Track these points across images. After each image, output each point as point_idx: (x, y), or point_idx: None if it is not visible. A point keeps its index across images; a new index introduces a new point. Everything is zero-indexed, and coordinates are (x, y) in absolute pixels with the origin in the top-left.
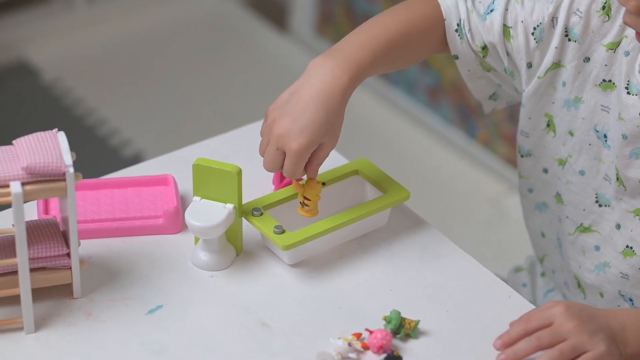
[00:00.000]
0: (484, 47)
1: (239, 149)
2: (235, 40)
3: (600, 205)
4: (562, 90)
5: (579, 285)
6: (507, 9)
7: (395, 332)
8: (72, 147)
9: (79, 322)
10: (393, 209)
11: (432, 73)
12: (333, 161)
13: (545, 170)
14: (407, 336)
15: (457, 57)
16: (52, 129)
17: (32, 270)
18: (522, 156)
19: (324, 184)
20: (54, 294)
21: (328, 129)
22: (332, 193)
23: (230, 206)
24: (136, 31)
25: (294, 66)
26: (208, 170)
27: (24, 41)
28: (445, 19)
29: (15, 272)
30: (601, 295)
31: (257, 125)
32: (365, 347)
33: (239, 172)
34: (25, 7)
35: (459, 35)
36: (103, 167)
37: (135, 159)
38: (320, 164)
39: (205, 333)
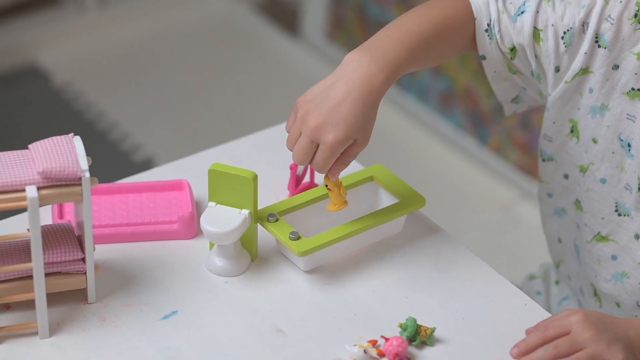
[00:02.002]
0: (513, 49)
1: (254, 154)
2: (246, 45)
3: (619, 215)
4: (589, 97)
5: (595, 294)
6: (538, 12)
7: (411, 340)
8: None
9: (94, 328)
10: (408, 215)
11: (444, 79)
12: (348, 167)
13: (566, 176)
14: (423, 343)
15: (484, 58)
16: (62, 133)
17: (47, 275)
18: (543, 160)
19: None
20: (69, 299)
21: (364, 125)
22: (348, 199)
23: (245, 212)
24: (147, 35)
25: (305, 71)
26: (224, 176)
27: (34, 45)
28: (475, 18)
29: (30, 277)
30: (618, 305)
31: (272, 131)
32: (381, 354)
33: (255, 178)
34: (36, 11)
35: (488, 35)
36: (114, 171)
37: (147, 164)
38: (351, 161)
39: (220, 339)
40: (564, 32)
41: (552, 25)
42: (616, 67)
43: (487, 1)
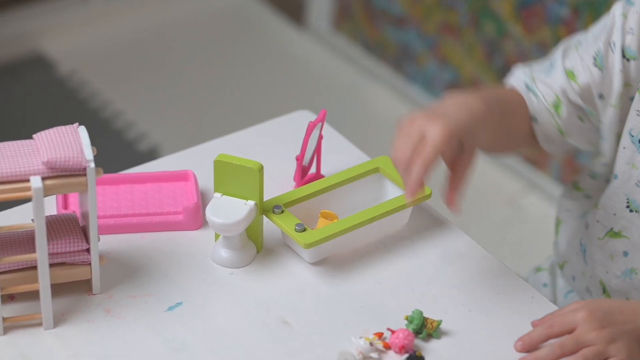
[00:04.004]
0: (557, 105)
1: (260, 144)
2: (252, 35)
3: (631, 211)
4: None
5: (604, 291)
6: (565, 57)
7: (418, 332)
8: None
9: (98, 319)
10: (414, 207)
11: (450, 69)
12: (354, 158)
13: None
14: (429, 336)
15: (535, 120)
16: (66, 122)
17: (51, 265)
18: (593, 178)
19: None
20: (73, 290)
21: (471, 131)
22: (353, 191)
23: (251, 203)
24: (153, 24)
25: (310, 61)
26: (229, 167)
27: (39, 33)
28: (522, 94)
29: (34, 268)
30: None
31: (278, 121)
32: (387, 347)
33: (261, 169)
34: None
35: (532, 93)
36: (119, 161)
37: (151, 153)
38: (463, 173)
39: (225, 331)
40: (594, 58)
41: (582, 59)
42: None
43: (520, 76)
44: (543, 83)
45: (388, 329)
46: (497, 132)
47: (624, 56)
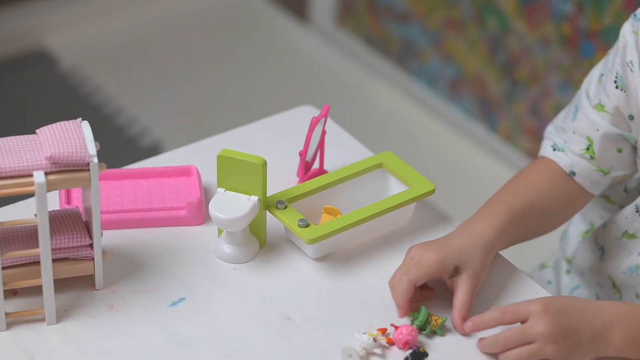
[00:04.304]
0: (589, 148)
1: (263, 140)
2: (255, 30)
3: None
4: None
5: (614, 286)
6: (589, 94)
7: (422, 329)
8: None
9: (101, 314)
10: (418, 202)
11: (454, 65)
12: (357, 154)
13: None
14: (433, 333)
15: (574, 174)
16: (69, 118)
17: (54, 260)
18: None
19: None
20: (76, 285)
21: (466, 258)
22: (357, 186)
23: (254, 198)
24: (156, 20)
25: (313, 57)
26: (233, 162)
27: (42, 29)
28: (555, 161)
29: (37, 263)
30: (637, 296)
31: (282, 117)
32: (391, 343)
33: (264, 164)
34: None
35: (561, 152)
36: (121, 156)
37: (154, 149)
38: (460, 303)
39: (229, 326)
40: (615, 82)
41: (604, 87)
42: None
43: (547, 141)
44: (571, 131)
45: (392, 325)
46: (523, 232)
47: None
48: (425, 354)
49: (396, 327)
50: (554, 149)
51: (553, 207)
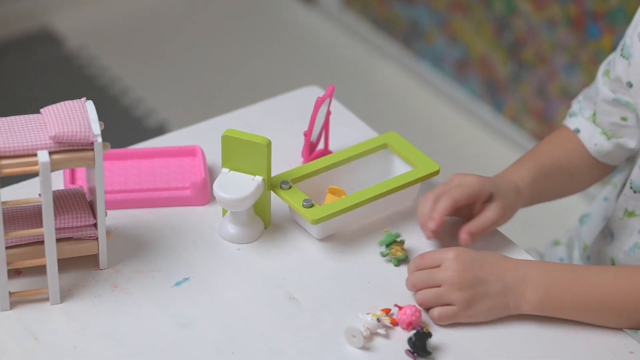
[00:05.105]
0: (595, 114)
1: (268, 120)
2: (261, 11)
3: (635, 192)
4: None
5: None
6: (608, 64)
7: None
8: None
9: (105, 294)
10: (422, 183)
11: (460, 46)
12: (362, 134)
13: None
14: (401, 262)
15: (578, 131)
16: (74, 98)
17: (58, 240)
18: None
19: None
20: (80, 265)
21: (503, 190)
22: (362, 167)
23: (259, 178)
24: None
25: (319, 38)
26: (237, 142)
27: (48, 8)
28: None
29: (41, 242)
30: None
31: (286, 97)
32: (394, 323)
33: (269, 144)
34: None
35: (574, 117)
36: (127, 136)
37: (160, 129)
38: (480, 226)
39: (232, 306)
40: (621, 50)
41: (615, 56)
42: None
43: (572, 108)
44: (588, 98)
45: (395, 305)
46: (550, 190)
47: None
48: (429, 334)
49: (400, 308)
50: (570, 115)
51: (579, 174)
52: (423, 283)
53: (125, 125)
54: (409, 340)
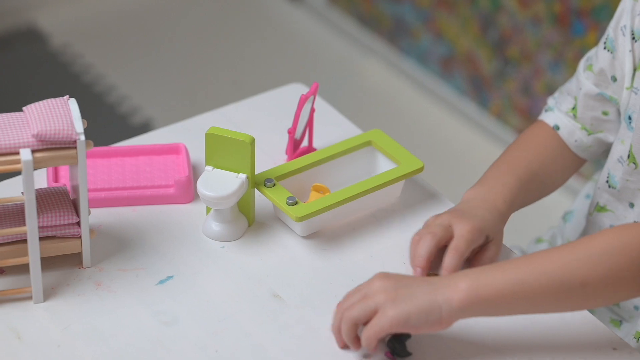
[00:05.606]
0: (574, 107)
1: (252, 117)
2: (247, 8)
3: (609, 187)
4: None
5: None
6: (587, 60)
7: None
8: (81, 114)
9: (88, 292)
10: (406, 180)
11: (445, 43)
12: (346, 132)
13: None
14: None
15: (558, 128)
16: (59, 95)
17: (41, 238)
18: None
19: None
20: (63, 263)
21: (495, 227)
22: (346, 164)
23: (242, 176)
24: None
25: (304, 34)
26: (221, 140)
27: (33, 6)
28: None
29: (24, 241)
30: None
31: (271, 94)
32: None
33: (252, 142)
34: None
35: (550, 111)
36: (112, 134)
37: (145, 127)
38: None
39: (216, 304)
40: (604, 43)
41: (597, 50)
42: None
43: (548, 104)
44: (565, 92)
45: None
46: (527, 202)
47: (633, 38)
48: (408, 336)
49: None
50: (546, 110)
51: (554, 175)
52: (353, 298)
53: (109, 123)
54: (388, 343)
